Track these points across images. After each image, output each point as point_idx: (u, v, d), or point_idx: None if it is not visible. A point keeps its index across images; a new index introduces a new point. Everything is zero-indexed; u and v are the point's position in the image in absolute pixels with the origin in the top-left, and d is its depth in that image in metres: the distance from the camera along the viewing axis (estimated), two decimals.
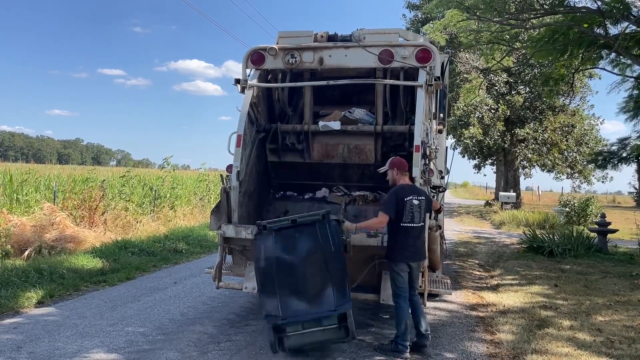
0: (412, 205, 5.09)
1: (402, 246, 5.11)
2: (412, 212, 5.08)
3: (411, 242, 5.12)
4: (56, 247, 9.76)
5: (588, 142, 27.60)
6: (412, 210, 5.08)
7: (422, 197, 5.19)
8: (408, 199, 5.08)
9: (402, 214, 5.06)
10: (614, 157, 12.50)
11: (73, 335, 5.46)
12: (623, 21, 9.77)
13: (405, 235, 5.10)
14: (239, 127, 6.12)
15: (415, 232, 5.14)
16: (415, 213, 5.10)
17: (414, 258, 5.14)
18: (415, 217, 5.10)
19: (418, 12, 29.31)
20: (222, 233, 5.78)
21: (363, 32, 6.31)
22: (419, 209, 5.12)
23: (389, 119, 6.84)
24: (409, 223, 5.09)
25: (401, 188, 5.20)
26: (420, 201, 5.15)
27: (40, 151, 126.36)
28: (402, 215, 5.06)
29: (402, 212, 5.06)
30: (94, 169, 19.49)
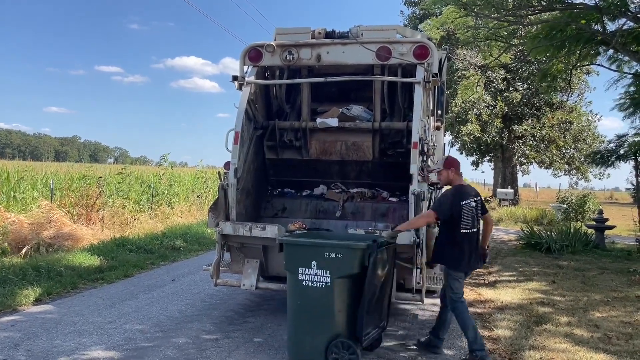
0: (470, 208, 4.75)
1: (464, 254, 4.76)
2: (471, 216, 4.75)
3: (472, 248, 4.80)
4: (54, 245, 9.75)
5: (586, 139, 27.65)
6: (471, 214, 4.75)
7: (478, 197, 4.89)
8: (466, 202, 4.74)
9: (459, 219, 4.70)
10: (612, 155, 12.51)
11: (71, 332, 5.45)
12: (621, 17, 9.77)
13: (466, 242, 4.75)
14: (237, 124, 6.12)
15: (475, 238, 4.83)
16: (474, 217, 4.78)
17: (477, 265, 4.88)
18: (474, 221, 4.78)
19: (416, 9, 29.30)
20: (220, 230, 5.78)
21: (361, 29, 6.31)
22: (475, 211, 4.80)
23: (387, 116, 6.83)
24: (469, 229, 4.75)
25: (459, 190, 4.85)
26: (477, 202, 4.85)
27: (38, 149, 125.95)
28: (460, 220, 4.70)
29: (459, 217, 4.70)
30: (92, 166, 19.46)
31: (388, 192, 7.01)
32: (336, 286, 4.35)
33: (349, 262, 4.35)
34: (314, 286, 4.39)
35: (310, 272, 4.41)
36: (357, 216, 6.78)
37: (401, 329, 5.95)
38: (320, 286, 4.37)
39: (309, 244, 4.52)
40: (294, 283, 4.50)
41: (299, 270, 4.45)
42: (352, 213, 6.81)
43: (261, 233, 5.64)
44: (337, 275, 4.35)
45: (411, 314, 6.55)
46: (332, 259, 4.36)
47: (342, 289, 4.37)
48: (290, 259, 4.55)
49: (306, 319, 4.46)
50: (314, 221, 6.75)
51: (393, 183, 6.89)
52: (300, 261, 4.46)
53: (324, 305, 4.38)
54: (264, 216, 6.91)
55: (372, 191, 7.06)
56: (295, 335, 4.54)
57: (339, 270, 4.35)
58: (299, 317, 4.50)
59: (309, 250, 4.45)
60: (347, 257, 4.35)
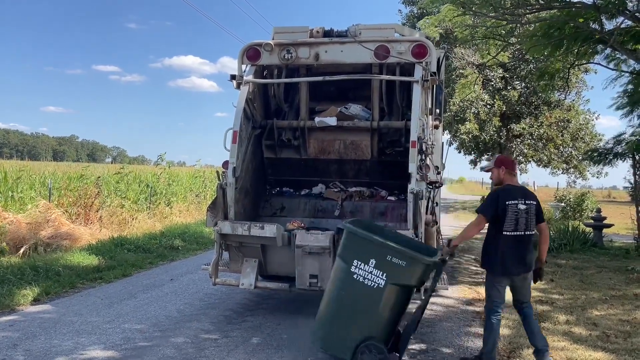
0: (517, 210, 4.50)
1: (504, 257, 4.55)
2: (516, 218, 4.50)
3: (514, 252, 4.54)
4: (52, 245, 9.73)
5: (584, 137, 27.67)
6: (517, 216, 4.50)
7: (531, 201, 4.59)
8: (511, 202, 4.50)
9: (502, 220, 4.50)
10: (609, 153, 12.53)
11: (69, 332, 5.44)
12: (618, 16, 9.76)
13: (508, 245, 4.53)
14: (235, 123, 6.12)
15: (522, 243, 4.56)
16: (521, 219, 4.51)
17: (516, 271, 4.57)
18: (520, 224, 4.51)
19: (414, 8, 29.27)
20: (218, 229, 5.78)
21: (359, 28, 6.30)
22: (525, 214, 4.52)
23: (385, 115, 6.83)
24: (512, 231, 4.50)
25: (506, 190, 4.65)
26: (529, 206, 4.55)
27: (35, 148, 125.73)
28: (504, 221, 4.50)
29: (503, 218, 4.50)
30: (89, 165, 19.45)
31: (387, 191, 7.02)
32: (388, 291, 4.22)
33: (410, 272, 4.22)
34: (364, 283, 4.24)
35: (366, 268, 4.25)
36: (355, 215, 6.77)
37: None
38: (372, 286, 4.23)
39: (374, 240, 4.30)
40: (344, 273, 4.33)
41: (354, 262, 4.27)
42: (350, 212, 6.81)
43: (260, 232, 5.64)
44: (393, 281, 4.22)
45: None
46: (394, 264, 4.20)
47: (392, 296, 4.25)
48: (349, 248, 4.35)
49: (345, 312, 4.32)
50: (313, 220, 6.75)
51: (391, 182, 6.89)
52: (358, 254, 4.28)
53: (369, 305, 4.26)
54: (263, 215, 6.91)
55: (370, 190, 7.06)
56: (329, 323, 4.38)
57: (397, 277, 4.22)
58: (338, 307, 4.35)
59: (372, 247, 4.26)
60: (410, 268, 4.21)
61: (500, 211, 4.51)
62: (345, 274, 4.32)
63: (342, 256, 4.42)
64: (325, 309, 4.46)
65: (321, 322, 4.48)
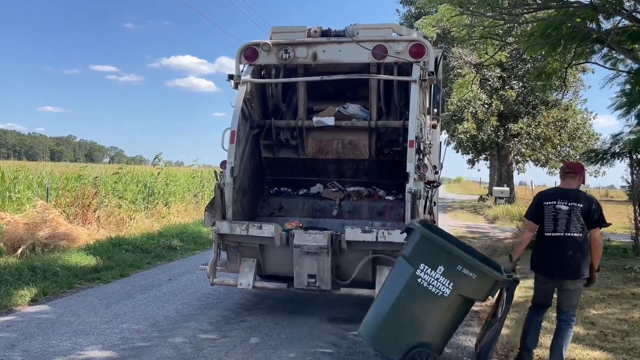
0: (557, 210, 4.47)
1: (543, 258, 4.59)
2: (556, 218, 4.47)
3: (553, 254, 4.50)
4: (49, 245, 9.71)
5: (581, 137, 27.77)
6: (557, 216, 4.47)
7: (574, 203, 4.47)
8: (548, 203, 4.53)
9: (542, 220, 4.54)
10: (607, 153, 12.55)
11: (67, 333, 5.43)
12: (616, 15, 9.79)
13: (547, 246, 4.54)
14: (233, 123, 6.11)
15: (561, 243, 4.46)
16: (561, 220, 4.45)
17: (557, 273, 4.50)
18: (560, 225, 4.46)
19: (412, 7, 29.36)
20: (216, 229, 5.77)
21: (357, 27, 6.30)
22: (567, 215, 4.45)
23: (383, 115, 6.84)
24: (551, 232, 4.49)
25: (545, 192, 4.73)
26: (572, 207, 4.44)
27: (33, 148, 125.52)
28: (543, 222, 4.54)
29: (542, 219, 4.54)
30: (87, 166, 19.40)
31: (384, 190, 7.02)
32: (452, 301, 4.13)
33: (478, 286, 4.13)
34: (429, 289, 4.13)
35: (433, 274, 4.13)
36: (353, 215, 6.79)
37: None
38: (436, 293, 4.12)
39: (447, 248, 4.18)
40: (408, 276, 4.20)
41: (421, 266, 4.15)
42: (348, 212, 6.82)
43: (258, 232, 5.63)
44: (459, 292, 4.12)
45: None
46: (463, 275, 4.10)
47: (455, 306, 4.17)
48: (418, 251, 4.23)
49: (403, 314, 4.22)
50: (311, 220, 6.75)
51: (389, 181, 6.90)
52: (427, 258, 4.16)
53: (430, 312, 4.18)
54: (261, 215, 6.91)
55: (368, 190, 7.07)
56: (384, 322, 4.27)
57: (464, 289, 4.12)
58: (396, 307, 4.23)
59: (443, 254, 4.15)
60: (479, 281, 4.11)
61: (540, 212, 4.57)
62: (409, 277, 4.20)
63: (408, 258, 4.27)
64: (380, 307, 4.35)
65: (375, 319, 4.35)
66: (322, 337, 5.47)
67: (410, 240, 4.32)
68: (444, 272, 4.11)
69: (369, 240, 5.38)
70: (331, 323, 5.99)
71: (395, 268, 4.42)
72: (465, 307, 4.28)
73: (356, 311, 6.48)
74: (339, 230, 5.92)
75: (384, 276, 5.50)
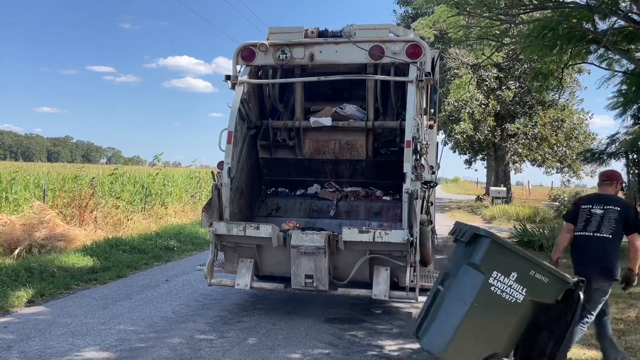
0: (591, 214, 4.67)
1: (574, 257, 4.77)
2: (589, 220, 4.66)
3: (582, 253, 4.69)
4: (46, 246, 9.69)
5: (577, 137, 27.87)
6: (590, 219, 4.66)
7: (610, 206, 4.63)
8: (586, 207, 4.73)
9: (576, 222, 4.76)
10: (603, 153, 12.60)
11: (64, 334, 5.42)
12: (611, 16, 9.82)
13: (577, 245, 4.74)
14: (230, 123, 6.11)
15: (588, 242, 4.64)
16: (593, 222, 4.64)
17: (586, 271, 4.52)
18: (591, 225, 4.63)
19: (408, 8, 29.34)
20: (213, 230, 5.77)
21: (354, 28, 6.32)
22: (600, 218, 4.63)
23: (380, 115, 6.85)
24: (580, 231, 4.70)
25: (584, 196, 5.04)
26: (606, 211, 4.62)
27: (30, 149, 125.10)
28: (576, 223, 4.75)
29: (576, 220, 4.76)
30: (84, 166, 19.38)
31: (382, 190, 7.03)
32: (525, 306, 4.09)
33: (550, 289, 4.10)
34: (502, 296, 4.07)
35: (505, 281, 4.07)
36: (351, 215, 6.80)
37: (396, 326, 5.97)
38: (509, 300, 4.07)
39: (521, 254, 4.15)
40: (480, 284, 4.11)
41: (494, 274, 4.08)
42: (346, 212, 6.83)
43: (255, 233, 5.64)
44: (532, 296, 4.08)
45: (405, 313, 6.58)
46: (536, 280, 4.07)
47: (527, 311, 4.13)
48: (490, 259, 4.14)
49: (476, 324, 4.12)
50: (308, 220, 6.76)
51: (387, 182, 6.91)
52: (499, 265, 4.09)
53: (504, 319, 4.11)
54: (258, 216, 6.91)
55: (365, 190, 7.07)
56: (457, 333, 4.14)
57: (537, 293, 4.09)
58: (469, 318, 4.12)
59: (515, 260, 4.10)
60: (551, 284, 4.09)
61: (576, 215, 4.78)
62: (481, 285, 4.12)
63: (478, 266, 4.17)
64: (449, 318, 4.23)
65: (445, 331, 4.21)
66: (320, 337, 5.48)
67: (478, 248, 4.21)
68: (517, 278, 4.07)
69: (366, 240, 5.38)
70: (328, 323, 6.00)
71: (460, 277, 4.30)
72: (533, 312, 4.22)
73: (353, 311, 6.50)
74: (336, 230, 5.94)
75: (381, 276, 5.52)
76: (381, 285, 5.50)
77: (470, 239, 4.27)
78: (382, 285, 5.50)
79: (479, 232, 4.26)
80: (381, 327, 5.91)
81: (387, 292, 5.49)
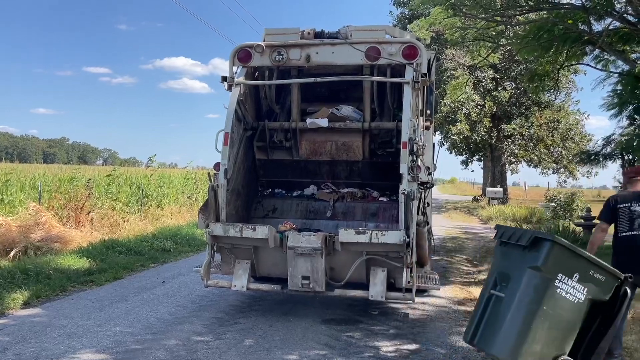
0: (633, 212, 4.64)
1: (619, 258, 4.67)
2: (632, 219, 4.64)
3: (630, 253, 4.65)
4: (42, 248, 9.65)
5: (573, 137, 27.96)
6: (632, 217, 4.64)
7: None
8: (624, 205, 4.70)
9: (617, 222, 4.72)
10: (599, 154, 12.64)
11: (60, 336, 5.41)
12: (607, 17, 9.86)
13: (623, 246, 4.71)
14: (226, 125, 6.11)
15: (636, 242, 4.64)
16: (637, 221, 4.62)
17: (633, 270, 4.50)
18: (637, 225, 4.63)
19: (405, 9, 29.38)
20: (210, 231, 5.77)
21: (350, 29, 6.33)
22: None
23: (377, 116, 6.86)
24: (626, 232, 4.67)
25: (618, 195, 4.92)
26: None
27: (25, 150, 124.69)
28: (617, 224, 4.72)
29: (616, 221, 4.72)
30: (80, 168, 19.34)
31: (378, 191, 7.04)
32: (586, 305, 4.19)
33: (606, 287, 4.20)
34: (566, 298, 4.17)
35: (569, 283, 4.17)
36: (347, 216, 6.80)
37: (392, 327, 5.97)
38: (573, 300, 4.17)
39: (581, 254, 4.22)
40: (547, 287, 4.17)
41: (559, 276, 4.16)
42: (342, 213, 6.83)
43: (252, 234, 5.63)
44: (591, 295, 4.18)
45: (402, 314, 6.58)
46: (595, 279, 4.18)
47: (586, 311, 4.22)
48: (555, 262, 4.20)
49: (544, 327, 4.18)
50: (305, 221, 6.76)
51: (383, 183, 6.92)
52: (563, 268, 4.17)
53: (570, 319, 4.20)
54: (255, 217, 6.91)
55: (362, 191, 7.08)
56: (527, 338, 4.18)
57: (595, 292, 4.19)
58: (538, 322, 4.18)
59: (577, 261, 4.19)
60: (607, 282, 4.20)
61: (614, 214, 4.75)
62: (547, 288, 4.19)
63: (542, 269, 4.21)
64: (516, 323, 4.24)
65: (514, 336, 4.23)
66: (316, 338, 5.47)
67: (541, 251, 4.23)
68: (579, 279, 4.18)
69: (363, 241, 5.38)
70: (325, 324, 5.99)
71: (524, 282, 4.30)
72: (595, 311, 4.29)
73: (350, 313, 6.50)
74: (332, 231, 5.93)
75: (378, 277, 5.52)
76: (378, 287, 5.50)
77: (531, 242, 4.30)
78: (379, 287, 5.51)
79: (542, 235, 4.31)
80: (378, 328, 5.91)
81: (384, 293, 5.49)
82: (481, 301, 4.49)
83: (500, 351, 4.27)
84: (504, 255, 4.54)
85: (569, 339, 4.24)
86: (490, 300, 4.39)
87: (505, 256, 4.53)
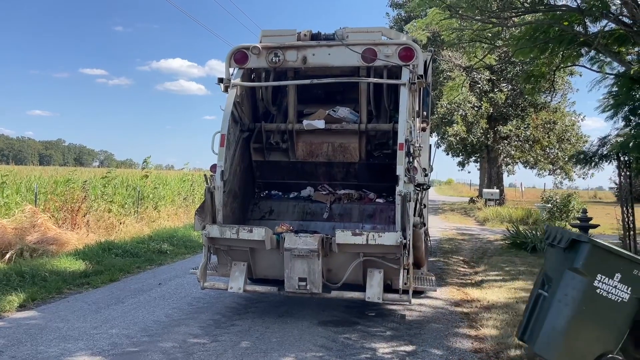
0: None
1: None
2: None
3: None
4: (38, 250, 9.62)
5: (569, 139, 28.06)
6: None
7: None
8: None
9: None
10: (595, 155, 12.66)
11: (56, 338, 5.38)
12: (602, 19, 9.89)
13: None
14: (223, 126, 6.11)
15: None
16: None
17: None
18: None
19: (401, 11, 29.42)
20: (206, 233, 5.76)
21: (346, 31, 6.34)
22: None
23: (373, 118, 6.87)
24: None
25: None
26: None
27: (21, 152, 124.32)
28: None
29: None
30: (76, 169, 19.30)
31: (375, 193, 7.04)
32: (631, 305, 4.23)
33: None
34: (608, 297, 4.23)
35: (610, 283, 4.23)
36: (344, 217, 6.81)
37: (389, 329, 5.97)
38: (616, 300, 4.23)
39: (624, 255, 4.29)
40: (585, 288, 4.25)
41: (598, 277, 4.23)
42: (339, 214, 6.83)
43: (248, 236, 5.62)
44: (637, 294, 4.22)
45: (398, 315, 6.58)
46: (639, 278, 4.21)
47: (632, 309, 4.25)
48: (592, 263, 4.27)
49: (585, 325, 4.26)
50: (302, 223, 6.76)
51: (380, 184, 6.93)
52: (603, 268, 4.23)
53: (613, 319, 4.25)
54: (251, 218, 6.90)
55: (359, 192, 7.09)
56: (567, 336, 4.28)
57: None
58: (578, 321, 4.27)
59: (619, 262, 4.25)
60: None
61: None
62: (587, 288, 4.26)
63: (581, 270, 4.30)
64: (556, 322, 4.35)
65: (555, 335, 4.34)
66: (313, 340, 5.47)
67: (579, 253, 4.31)
68: (621, 279, 4.22)
69: (360, 243, 5.38)
70: (322, 326, 5.99)
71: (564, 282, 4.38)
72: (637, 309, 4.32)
73: (347, 314, 6.49)
74: (329, 233, 5.93)
75: (375, 279, 5.52)
76: (374, 288, 5.50)
77: (569, 244, 4.38)
78: (376, 288, 5.50)
79: (579, 237, 4.37)
80: (374, 330, 5.91)
81: (381, 294, 5.49)
82: (531, 299, 4.59)
83: (541, 349, 4.37)
84: (550, 256, 4.67)
85: (616, 337, 4.27)
86: (538, 299, 4.51)
87: (550, 257, 4.65)
